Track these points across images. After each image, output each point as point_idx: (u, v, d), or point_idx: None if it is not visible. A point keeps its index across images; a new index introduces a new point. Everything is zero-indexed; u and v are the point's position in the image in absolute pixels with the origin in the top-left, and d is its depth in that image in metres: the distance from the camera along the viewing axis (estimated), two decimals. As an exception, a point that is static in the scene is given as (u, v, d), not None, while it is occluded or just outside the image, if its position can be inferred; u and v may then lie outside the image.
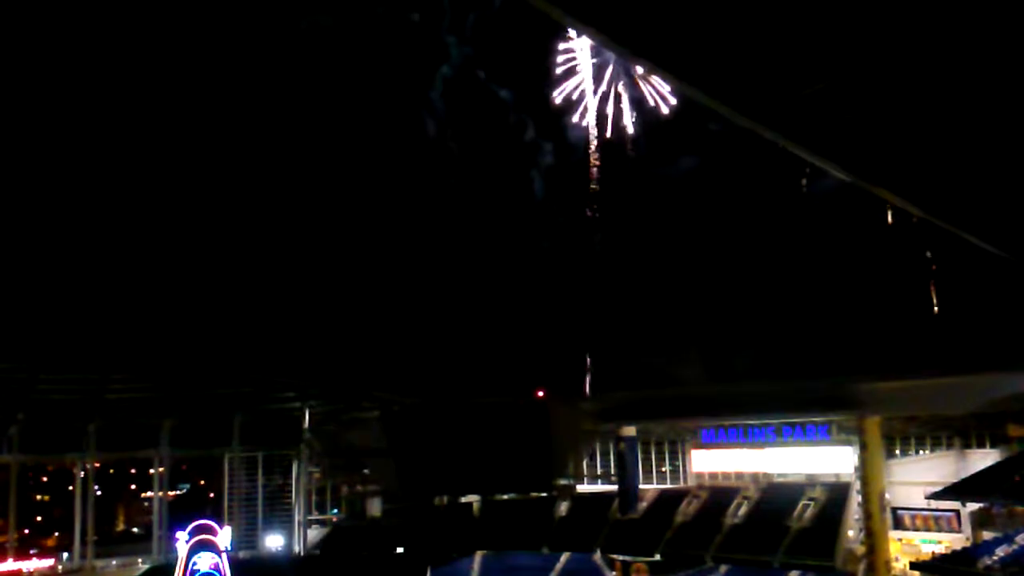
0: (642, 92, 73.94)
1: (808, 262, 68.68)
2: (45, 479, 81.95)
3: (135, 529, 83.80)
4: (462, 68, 74.35)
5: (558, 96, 75.11)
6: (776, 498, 67.77)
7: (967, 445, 62.66)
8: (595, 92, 74.53)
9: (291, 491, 78.49)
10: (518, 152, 76.57)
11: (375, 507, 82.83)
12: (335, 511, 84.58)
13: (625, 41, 11.75)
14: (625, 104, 75.07)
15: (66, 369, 71.29)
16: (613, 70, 74.15)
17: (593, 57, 73.34)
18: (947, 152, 16.32)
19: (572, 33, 69.15)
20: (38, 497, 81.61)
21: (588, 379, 72.82)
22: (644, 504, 72.34)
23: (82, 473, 73.42)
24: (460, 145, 74.02)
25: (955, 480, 57.73)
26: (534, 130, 78.31)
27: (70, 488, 74.45)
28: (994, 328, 57.84)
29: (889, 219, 57.01)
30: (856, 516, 62.71)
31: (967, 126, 15.12)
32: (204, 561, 66.06)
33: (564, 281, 77.04)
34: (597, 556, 66.81)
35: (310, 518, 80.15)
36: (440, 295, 76.18)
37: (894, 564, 59.47)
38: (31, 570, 68.64)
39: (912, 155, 16.23)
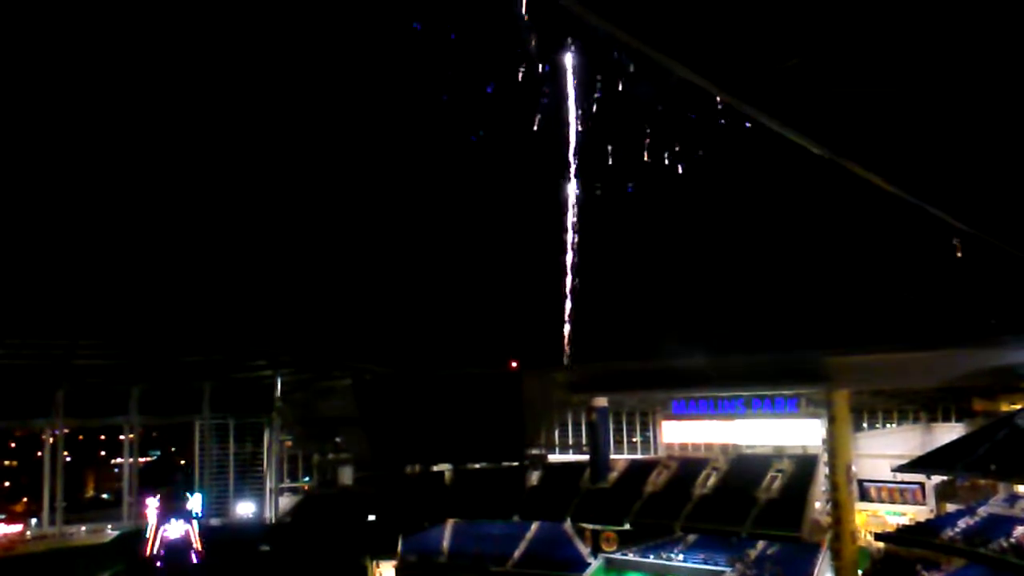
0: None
1: (778, 236, 68.82)
2: (13, 445, 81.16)
3: (105, 495, 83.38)
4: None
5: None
6: (745, 469, 68.50)
7: (933, 419, 63.58)
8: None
9: (262, 459, 78.39)
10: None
11: (347, 475, 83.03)
12: (307, 479, 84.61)
13: (602, 11, 11.58)
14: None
15: (33, 334, 70.35)
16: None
17: None
18: (921, 128, 16.32)
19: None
20: (6, 463, 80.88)
21: (561, 350, 72.79)
22: (614, 474, 72.93)
23: (51, 439, 72.87)
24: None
25: (921, 453, 58.44)
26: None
27: (38, 454, 73.88)
28: (961, 304, 58.35)
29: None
30: (823, 488, 63.33)
31: (942, 101, 15.11)
32: (175, 528, 66.20)
33: (537, 252, 76.78)
34: (567, 525, 67.44)
35: (282, 486, 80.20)
36: (413, 265, 75.65)
37: (860, 535, 60.36)
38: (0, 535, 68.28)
39: (885, 129, 16.22)
